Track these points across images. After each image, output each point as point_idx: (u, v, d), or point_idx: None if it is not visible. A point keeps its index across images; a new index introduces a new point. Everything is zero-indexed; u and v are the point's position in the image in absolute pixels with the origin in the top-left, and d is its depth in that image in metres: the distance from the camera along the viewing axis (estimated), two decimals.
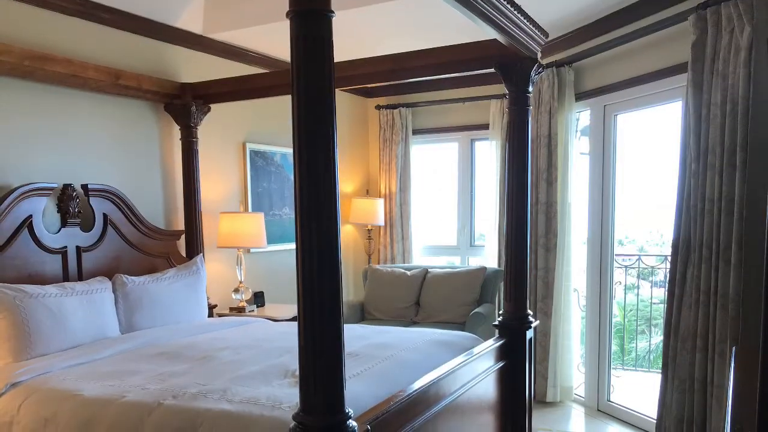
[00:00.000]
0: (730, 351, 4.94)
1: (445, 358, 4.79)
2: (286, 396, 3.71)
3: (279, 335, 5.45)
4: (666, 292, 5.92)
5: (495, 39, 4.74)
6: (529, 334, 5.46)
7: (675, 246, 5.63)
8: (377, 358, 4.63)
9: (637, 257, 9.03)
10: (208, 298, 6.55)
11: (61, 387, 4.19)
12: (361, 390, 3.81)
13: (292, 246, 3.67)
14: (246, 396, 3.78)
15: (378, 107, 9.54)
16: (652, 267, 8.93)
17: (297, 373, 3.11)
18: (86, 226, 5.74)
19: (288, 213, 8.30)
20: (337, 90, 2.79)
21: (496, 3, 4.06)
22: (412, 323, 7.89)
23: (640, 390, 8.22)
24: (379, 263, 9.45)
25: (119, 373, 4.39)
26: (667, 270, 6.06)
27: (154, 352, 4.98)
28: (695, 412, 5.40)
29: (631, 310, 9.32)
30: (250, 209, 7.66)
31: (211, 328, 5.87)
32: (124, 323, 5.57)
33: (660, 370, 5.95)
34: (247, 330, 5.81)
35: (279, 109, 7.84)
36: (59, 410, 3.98)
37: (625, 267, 8.71)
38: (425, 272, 8.30)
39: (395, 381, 4.13)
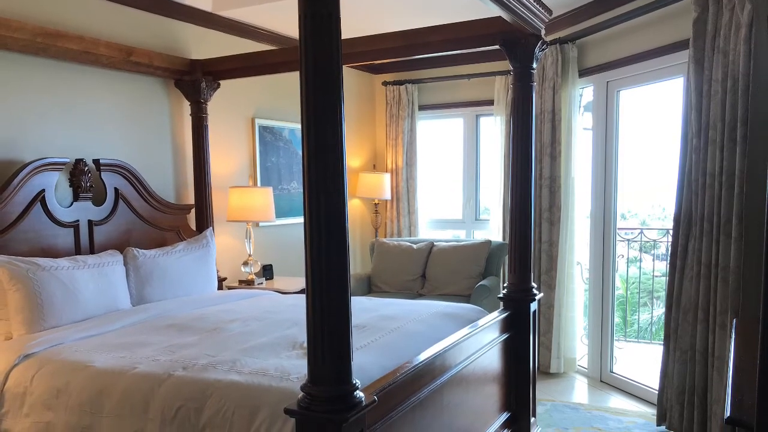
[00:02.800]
0: (730, 322, 4.99)
1: (450, 330, 4.84)
2: (294, 367, 3.77)
3: (287, 308, 5.50)
4: (668, 265, 5.97)
5: (500, 17, 4.79)
6: (533, 306, 5.52)
7: (676, 220, 5.67)
8: (384, 329, 4.68)
9: (639, 231, 9.06)
10: (217, 271, 6.62)
11: (73, 358, 4.25)
12: (367, 361, 3.87)
13: (301, 220, 3.74)
14: (255, 367, 3.83)
15: (384, 83, 9.55)
16: (654, 240, 8.96)
17: (305, 344, 3.16)
18: (98, 201, 5.80)
19: (296, 187, 8.35)
20: (344, 66, 2.84)
21: None
22: (418, 296, 7.96)
23: (642, 361, 8.29)
24: (385, 237, 9.50)
25: (130, 345, 4.45)
26: (669, 243, 6.11)
27: (165, 324, 5.04)
28: (696, 383, 5.46)
29: (633, 283, 9.35)
30: (259, 184, 7.72)
31: (220, 300, 5.92)
32: (135, 296, 5.64)
33: (662, 342, 6.01)
34: (255, 302, 5.86)
35: (287, 85, 7.89)
36: (71, 381, 4.05)
37: (628, 240, 8.74)
38: (431, 246, 8.35)
39: (402, 352, 4.19)
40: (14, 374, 4.28)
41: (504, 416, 5.33)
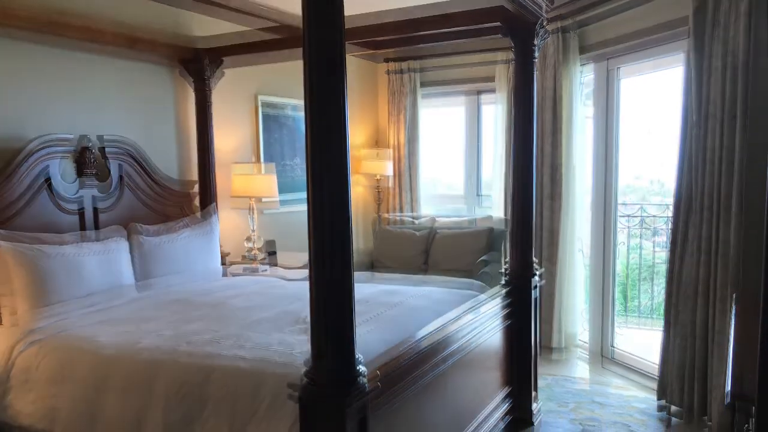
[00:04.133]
0: (731, 298, 5.02)
1: (452, 304, 4.87)
2: (298, 342, 3.80)
3: (290, 283, 5.53)
4: (668, 244, 5.98)
5: (502, 5, 4.82)
6: (535, 282, 5.55)
7: (677, 199, 5.68)
8: (386, 304, 4.71)
9: (639, 206, 9.06)
10: (221, 248, 6.65)
11: (78, 334, 4.31)
12: (370, 335, 3.90)
13: (304, 195, 3.75)
14: (258, 342, 3.87)
15: (386, 60, 9.55)
16: (654, 216, 8.97)
17: (308, 319, 3.17)
18: (102, 178, 5.79)
19: (299, 163, 8.36)
20: (347, 55, 2.85)
21: None
22: (421, 272, 7.97)
23: (642, 338, 8.30)
24: (387, 212, 9.51)
25: (134, 320, 4.50)
26: (669, 219, 6.12)
27: (169, 300, 5.07)
28: (697, 358, 5.48)
29: (633, 260, 9.36)
30: (262, 160, 7.71)
31: (223, 276, 5.95)
32: (139, 272, 5.63)
33: (662, 318, 6.03)
34: (258, 278, 5.89)
35: (290, 62, 7.88)
36: (76, 357, 4.10)
37: (628, 216, 8.75)
38: (434, 232, 8.37)
39: (404, 327, 4.21)
40: (19, 350, 4.32)
41: (506, 390, 5.37)
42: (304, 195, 2.98)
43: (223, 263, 6.66)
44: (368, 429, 3.04)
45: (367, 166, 9.25)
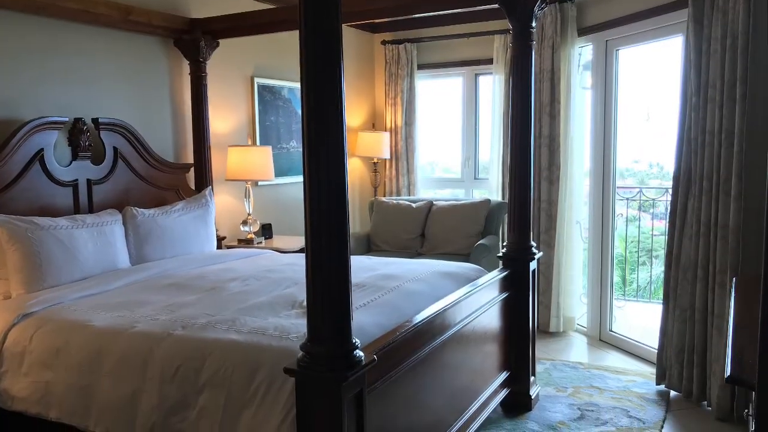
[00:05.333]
0: (730, 281, 5.00)
1: (450, 288, 4.85)
2: (294, 326, 3.77)
3: (286, 267, 5.50)
4: (667, 224, 5.97)
5: None
6: (533, 265, 5.53)
7: (676, 178, 5.66)
8: (383, 288, 4.68)
9: (638, 190, 9.05)
10: (216, 231, 6.62)
11: (72, 317, 4.26)
12: (367, 320, 3.88)
13: (300, 179, 3.72)
14: (254, 326, 3.83)
15: (383, 42, 9.47)
16: (654, 199, 8.95)
17: (304, 303, 3.16)
18: (97, 160, 5.77)
19: (295, 146, 8.32)
20: (343, 26, 2.82)
21: None
22: (418, 255, 7.95)
23: (641, 320, 8.30)
24: (384, 196, 9.48)
25: (129, 304, 4.45)
26: (668, 202, 6.10)
27: (164, 283, 5.04)
28: (696, 342, 5.47)
29: (632, 242, 9.36)
30: (258, 143, 7.68)
31: (219, 259, 5.91)
32: (134, 255, 5.63)
33: (661, 301, 6.02)
34: (255, 261, 5.86)
35: (287, 44, 7.82)
36: (70, 340, 4.07)
37: (627, 199, 8.74)
38: (430, 205, 8.34)
39: (401, 311, 4.20)
40: (13, 333, 4.29)
41: (503, 375, 5.36)
42: (300, 178, 2.95)
43: (219, 247, 6.63)
44: (364, 404, 3.06)
45: (363, 150, 9.21)
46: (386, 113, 9.57)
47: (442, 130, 9.77)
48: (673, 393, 5.81)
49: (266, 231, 7.52)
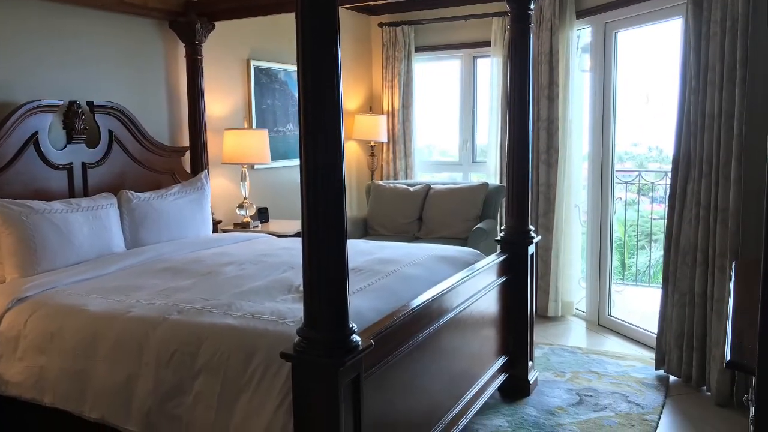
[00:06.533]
0: (729, 265, 4.98)
1: (447, 273, 4.82)
2: (290, 311, 3.75)
3: (283, 251, 5.47)
4: (666, 208, 5.94)
5: None
6: (531, 249, 5.51)
7: (675, 161, 5.63)
8: (380, 273, 4.65)
9: (637, 173, 9.03)
10: (212, 214, 6.59)
11: (67, 302, 4.24)
12: (364, 305, 3.86)
13: (296, 162, 3.67)
14: (250, 311, 3.81)
15: (381, 25, 9.42)
16: (653, 183, 8.93)
17: (301, 288, 3.16)
18: (92, 143, 5.74)
19: (292, 129, 8.28)
20: (340, 8, 2.78)
21: None
22: (415, 239, 7.93)
23: (640, 305, 8.28)
24: (381, 179, 9.45)
25: (125, 288, 4.42)
26: (667, 186, 6.09)
27: (160, 267, 5.01)
28: (695, 326, 5.46)
29: (631, 226, 9.34)
30: (254, 126, 7.65)
31: (215, 243, 5.89)
32: (129, 239, 5.60)
33: (660, 285, 6.00)
34: (251, 246, 5.83)
35: (283, 27, 7.77)
36: (65, 325, 4.05)
37: (626, 183, 8.71)
38: (428, 188, 8.31)
39: (398, 295, 4.17)
40: (7, 318, 4.28)
41: (501, 360, 5.34)
42: (297, 162, 2.92)
43: (215, 231, 6.61)
44: (361, 389, 3.05)
45: (360, 133, 9.18)
46: (383, 96, 9.53)
47: (440, 114, 9.74)
48: (672, 378, 5.79)
49: (262, 215, 7.49)
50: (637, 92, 8.38)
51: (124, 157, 6.02)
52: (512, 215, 5.49)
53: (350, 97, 9.40)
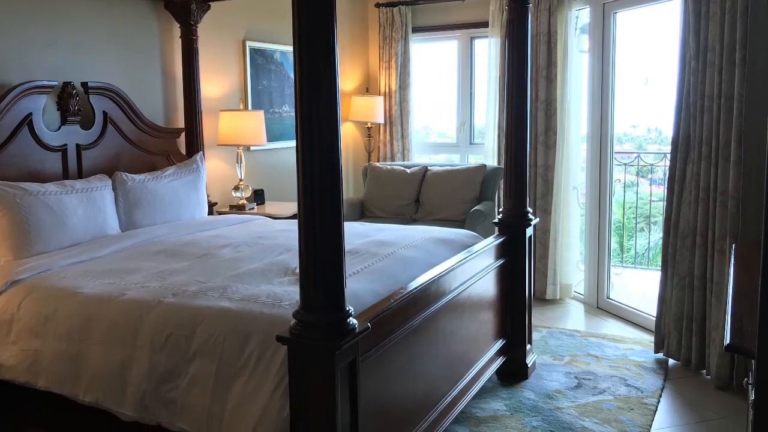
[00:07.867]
0: (729, 247, 4.96)
1: (445, 255, 4.81)
2: (286, 294, 3.73)
3: (279, 233, 5.45)
4: (665, 190, 5.92)
5: None
6: (529, 231, 5.49)
7: (674, 143, 5.61)
8: (377, 255, 4.63)
9: (636, 155, 9.01)
10: (208, 196, 6.55)
11: (62, 285, 4.21)
12: (361, 287, 3.84)
13: (292, 144, 3.63)
14: (246, 294, 3.79)
15: (377, 5, 9.37)
16: (652, 165, 8.92)
17: (297, 270, 3.14)
18: (86, 124, 5.70)
19: (288, 111, 8.24)
20: None
21: None
22: (412, 221, 7.91)
23: (639, 287, 8.27)
24: (378, 161, 9.42)
25: (119, 271, 4.40)
26: (667, 167, 6.07)
27: (154, 249, 4.98)
28: (695, 309, 5.44)
29: (630, 208, 9.32)
30: (250, 107, 7.60)
31: (211, 225, 5.86)
32: (124, 221, 5.57)
33: (659, 268, 5.98)
34: (247, 228, 5.80)
35: (279, 7, 7.72)
36: (59, 308, 4.02)
37: (625, 165, 8.69)
38: (425, 170, 8.28)
39: (395, 278, 4.16)
40: (1, 301, 4.25)
41: (499, 343, 5.32)
42: (293, 143, 2.89)
43: (210, 213, 6.58)
44: (358, 373, 3.04)
45: (357, 114, 9.14)
46: (380, 77, 9.48)
47: (437, 95, 9.71)
48: (671, 361, 5.78)
49: (258, 197, 7.45)
50: (636, 73, 8.35)
51: (118, 139, 5.98)
52: (510, 197, 5.46)
53: (347, 78, 9.35)
